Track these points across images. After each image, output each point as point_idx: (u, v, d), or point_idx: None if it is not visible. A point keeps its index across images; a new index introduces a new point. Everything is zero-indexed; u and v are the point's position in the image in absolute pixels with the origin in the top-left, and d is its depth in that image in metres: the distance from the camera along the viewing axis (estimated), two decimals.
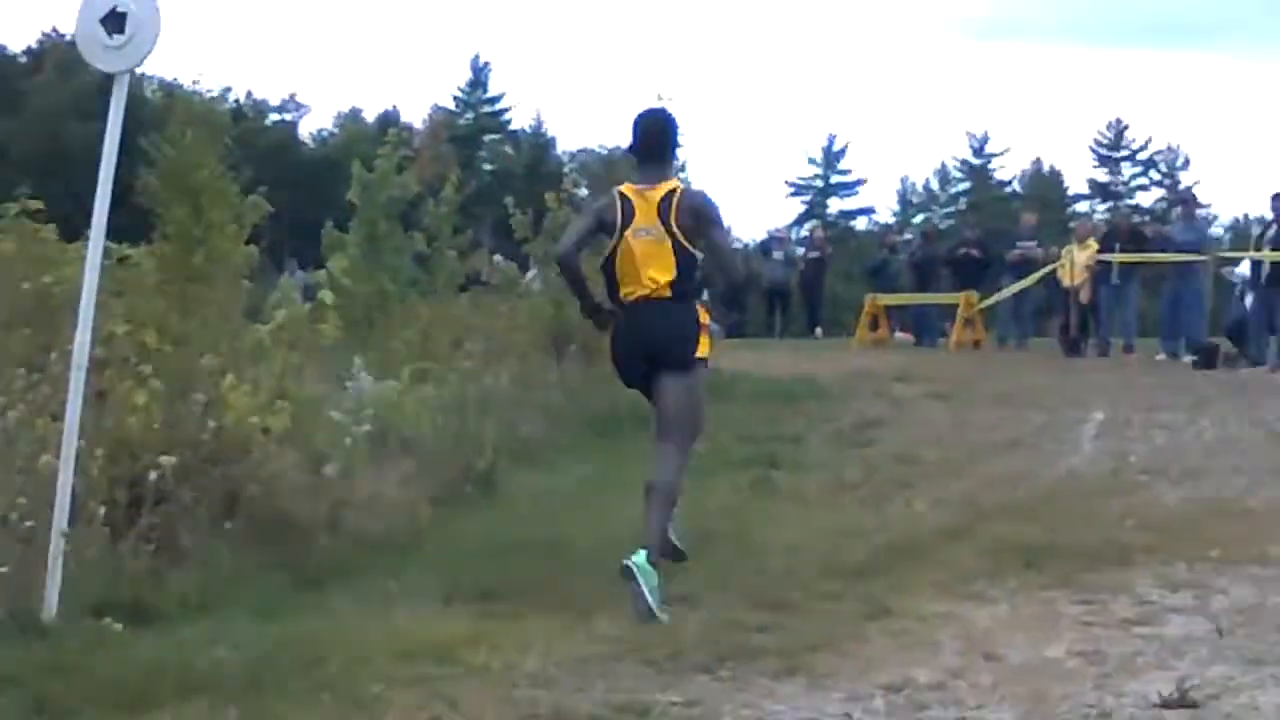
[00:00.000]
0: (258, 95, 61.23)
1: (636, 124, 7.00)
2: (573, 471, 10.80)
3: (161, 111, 16.24)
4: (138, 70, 6.83)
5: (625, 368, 7.04)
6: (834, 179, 73.68)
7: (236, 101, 53.19)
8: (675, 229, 6.72)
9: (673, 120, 7.07)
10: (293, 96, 63.90)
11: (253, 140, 45.72)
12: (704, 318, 7.20)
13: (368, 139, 39.36)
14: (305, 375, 8.97)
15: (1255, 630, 6.33)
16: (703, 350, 7.13)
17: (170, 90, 33.02)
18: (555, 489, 10.07)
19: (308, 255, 22.61)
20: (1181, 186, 66.38)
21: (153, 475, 6.87)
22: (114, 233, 6.93)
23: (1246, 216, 55.05)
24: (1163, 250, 20.48)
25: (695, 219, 6.77)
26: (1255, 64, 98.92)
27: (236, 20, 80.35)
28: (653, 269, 6.75)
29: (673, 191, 6.80)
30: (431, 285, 15.02)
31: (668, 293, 6.77)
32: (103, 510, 6.55)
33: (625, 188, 6.91)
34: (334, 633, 6.16)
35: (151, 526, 6.80)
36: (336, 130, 63.91)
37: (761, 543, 8.31)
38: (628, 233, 6.76)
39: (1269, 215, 19.04)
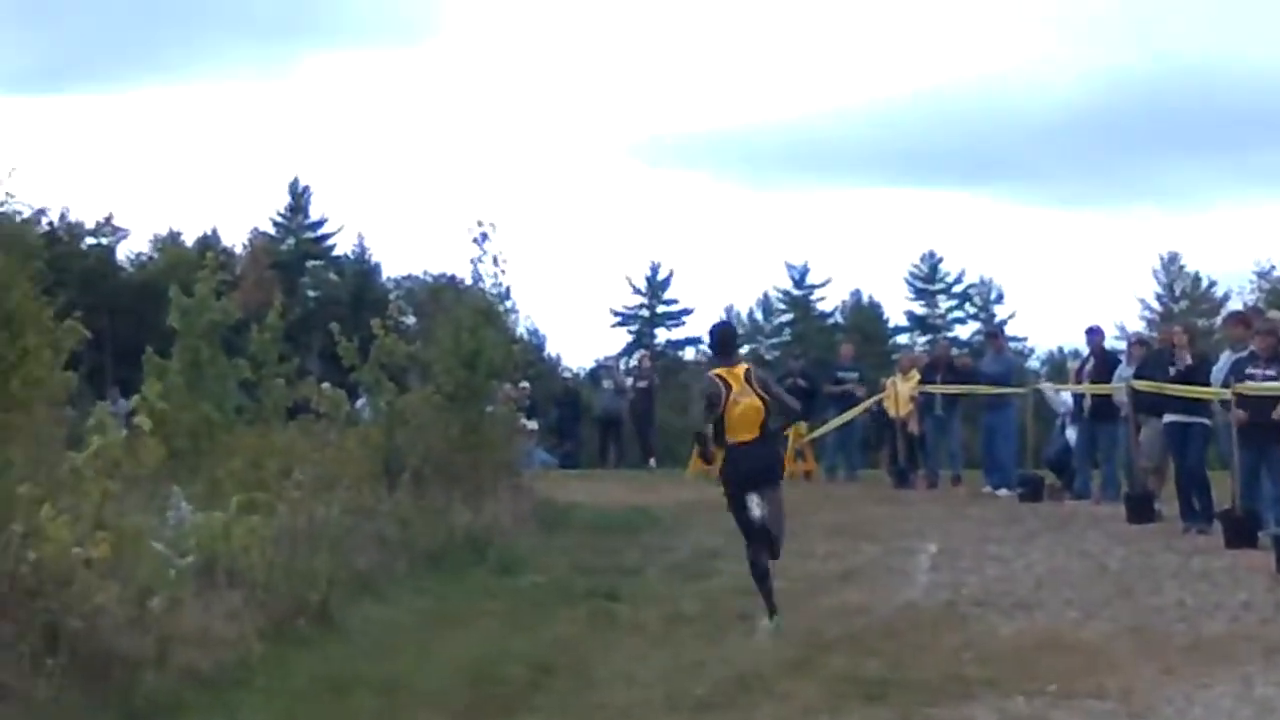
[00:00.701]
0: (73, 218, 59.25)
1: (714, 333, 10.91)
2: (409, 604, 10.56)
3: None
4: None
5: (741, 486, 10.05)
6: (660, 308, 74.33)
7: (50, 224, 51.59)
8: (758, 390, 10.12)
9: (734, 327, 11.46)
10: (109, 219, 61.85)
11: (68, 264, 44.72)
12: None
13: (187, 263, 38.56)
14: (126, 505, 8.64)
15: None
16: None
17: None
18: (392, 622, 9.84)
19: (132, 382, 22.00)
20: (996, 320, 68.20)
21: None
22: None
23: (1061, 350, 56.62)
24: (974, 382, 20.86)
25: (764, 384, 10.29)
26: (1042, 206, 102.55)
27: (50, 140, 78.39)
28: (752, 418, 10.03)
29: (749, 369, 10.37)
30: (259, 413, 14.66)
31: (760, 433, 10.07)
32: None
33: (717, 372, 10.24)
34: None
35: None
36: (155, 254, 62.51)
37: (602, 676, 8.20)
38: (730, 399, 10.02)
39: (1084, 349, 19.46)
